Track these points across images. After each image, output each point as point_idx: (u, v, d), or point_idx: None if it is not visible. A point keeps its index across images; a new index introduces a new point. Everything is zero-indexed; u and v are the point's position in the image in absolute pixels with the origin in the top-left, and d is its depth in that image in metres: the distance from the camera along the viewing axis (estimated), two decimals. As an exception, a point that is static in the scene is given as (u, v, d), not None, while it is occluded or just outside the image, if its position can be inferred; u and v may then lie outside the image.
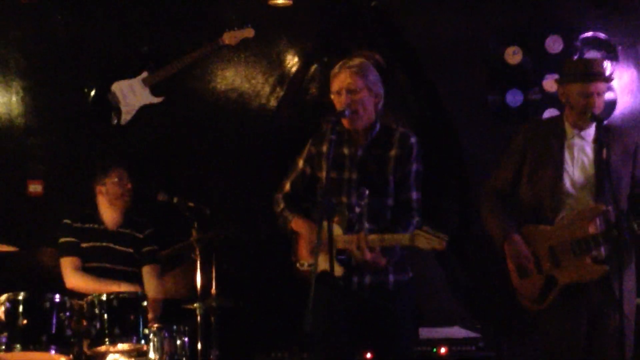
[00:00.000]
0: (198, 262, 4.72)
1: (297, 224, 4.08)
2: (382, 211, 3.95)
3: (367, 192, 3.90)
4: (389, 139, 4.01)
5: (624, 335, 4.07)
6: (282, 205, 4.16)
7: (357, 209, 3.92)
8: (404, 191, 3.99)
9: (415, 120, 5.98)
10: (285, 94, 6.02)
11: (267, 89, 6.00)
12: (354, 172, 3.98)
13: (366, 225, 3.89)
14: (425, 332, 5.18)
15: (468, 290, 5.98)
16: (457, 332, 5.18)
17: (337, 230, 3.87)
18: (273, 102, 6.03)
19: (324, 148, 4.03)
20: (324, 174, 3.98)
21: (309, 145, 4.13)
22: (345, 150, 4.01)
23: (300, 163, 4.14)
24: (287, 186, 4.18)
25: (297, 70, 6.00)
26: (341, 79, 3.96)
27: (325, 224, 3.75)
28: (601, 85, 4.23)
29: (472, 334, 5.13)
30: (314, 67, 6.06)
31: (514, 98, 5.84)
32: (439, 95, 5.98)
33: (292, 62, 6.00)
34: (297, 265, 4.10)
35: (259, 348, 5.29)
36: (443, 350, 5.04)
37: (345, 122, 3.97)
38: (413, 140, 4.04)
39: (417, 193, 4.02)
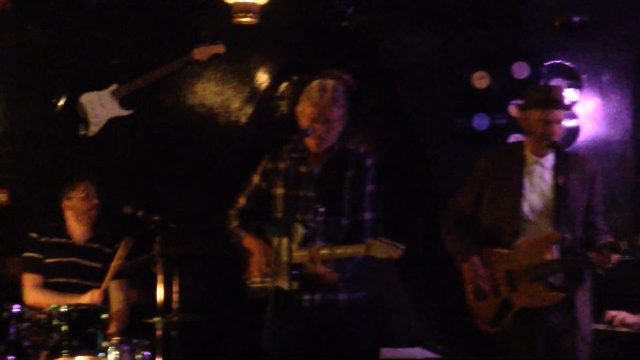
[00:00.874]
0: (159, 276, 4.71)
1: (249, 242, 4.12)
2: (336, 230, 4.02)
3: (322, 209, 3.95)
4: (346, 159, 4.08)
5: (579, 357, 4.16)
6: (234, 223, 4.21)
7: (312, 225, 3.96)
8: (359, 211, 4.05)
9: (382, 141, 6.03)
10: (255, 111, 6.05)
11: (237, 105, 6.03)
12: (310, 190, 4.03)
13: (319, 243, 3.94)
14: (387, 353, 5.19)
15: (432, 312, 6.02)
16: (419, 353, 5.19)
17: (293, 245, 3.90)
18: (243, 119, 6.05)
19: (281, 165, 4.07)
20: (279, 190, 4.03)
21: (264, 162, 4.17)
22: (303, 168, 4.06)
23: (256, 179, 4.19)
24: (242, 201, 4.22)
25: (267, 88, 6.04)
26: (321, 108, 4.00)
27: (282, 240, 3.81)
28: (560, 113, 4.31)
29: (434, 356, 5.15)
30: (283, 85, 6.11)
31: (480, 122, 5.91)
32: (408, 117, 6.05)
33: (262, 79, 6.04)
34: (248, 283, 4.13)
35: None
36: (404, 370, 5.05)
37: (309, 141, 4.02)
38: (369, 161, 4.10)
39: (371, 214, 4.07)
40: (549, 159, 4.35)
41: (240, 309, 5.36)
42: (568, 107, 4.45)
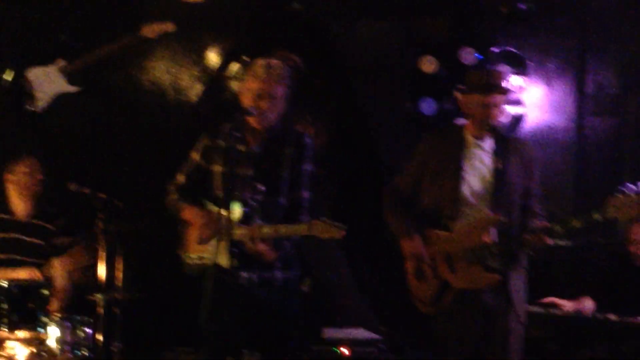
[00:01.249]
0: (102, 253, 4.71)
1: (190, 212, 4.12)
2: (274, 209, 4.03)
3: (260, 187, 3.98)
4: (285, 137, 4.10)
5: (511, 340, 4.24)
6: (174, 196, 4.20)
7: (251, 203, 3.99)
8: (296, 190, 4.08)
9: (331, 124, 6.08)
10: (205, 90, 6.06)
11: (188, 84, 6.03)
12: (249, 169, 4.04)
13: (258, 221, 3.97)
14: (329, 333, 5.26)
15: (376, 293, 6.10)
16: (361, 333, 5.27)
17: (228, 221, 3.92)
18: (193, 98, 6.06)
19: (221, 143, 4.08)
20: (218, 168, 4.05)
21: (204, 139, 4.17)
22: (242, 147, 4.07)
23: (195, 156, 4.18)
24: (181, 178, 4.22)
25: (218, 67, 6.05)
26: (266, 84, 4.01)
27: (221, 218, 3.83)
28: (500, 98, 4.33)
29: (374, 336, 5.23)
30: (234, 65, 6.11)
31: (427, 106, 6.00)
32: (357, 100, 6.10)
33: (213, 59, 6.05)
34: (186, 258, 4.14)
35: (166, 342, 5.31)
36: (345, 350, 5.11)
37: (251, 119, 4.04)
38: (308, 140, 4.13)
39: (308, 193, 4.11)
40: (489, 143, 4.38)
41: (183, 287, 5.41)
42: (507, 92, 4.46)
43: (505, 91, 4.38)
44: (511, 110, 6.01)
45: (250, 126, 4.06)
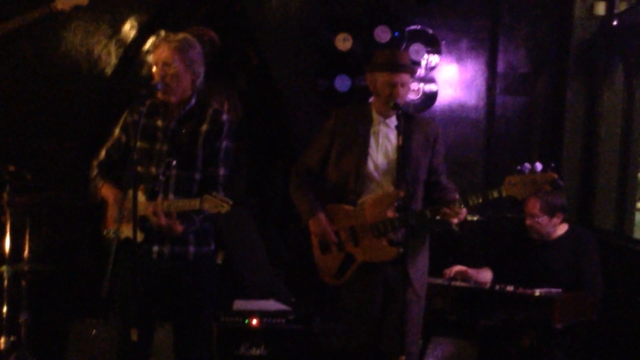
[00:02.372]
0: (7, 225, 4.69)
1: (106, 191, 4.13)
2: (189, 184, 4.04)
3: (173, 162, 4.00)
4: (202, 114, 4.11)
5: (410, 311, 4.36)
6: (94, 172, 4.21)
7: (162, 178, 4.02)
8: (212, 166, 4.08)
9: (245, 99, 6.10)
10: (120, 64, 6.02)
11: (104, 57, 5.99)
12: (164, 144, 4.06)
13: (171, 196, 3.99)
14: (239, 304, 5.32)
15: (288, 266, 6.18)
16: (271, 305, 5.32)
17: (141, 198, 3.96)
18: (108, 71, 6.02)
19: (139, 118, 4.09)
20: (136, 143, 4.06)
21: (125, 114, 4.19)
22: (159, 122, 4.08)
23: (117, 131, 4.19)
24: (103, 154, 4.22)
25: (133, 41, 6.02)
26: (159, 52, 4.02)
27: (130, 192, 3.85)
28: (405, 76, 4.40)
29: (284, 307, 5.29)
30: (150, 39, 6.09)
31: (342, 83, 6.06)
32: (271, 76, 6.13)
33: (129, 32, 6.01)
34: (104, 233, 4.17)
35: (74, 314, 5.31)
36: (254, 321, 5.17)
37: (159, 94, 4.06)
38: (225, 117, 4.15)
39: (224, 169, 4.11)
40: (394, 120, 4.41)
41: (94, 259, 5.43)
42: (413, 71, 4.56)
43: (410, 70, 4.46)
44: (424, 88, 6.14)
45: (166, 102, 4.07)
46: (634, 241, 5.72)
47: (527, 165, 4.13)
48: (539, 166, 4.10)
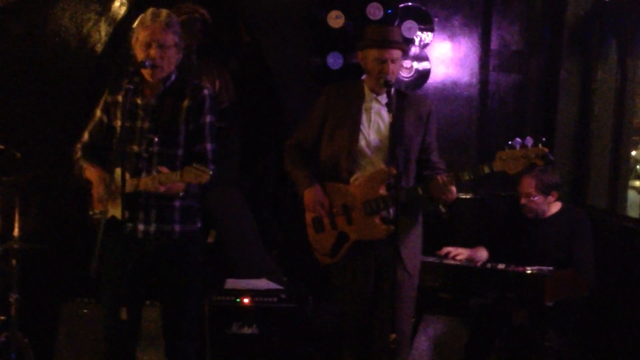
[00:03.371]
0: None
1: (90, 172, 4.11)
2: (172, 161, 4.03)
3: (155, 139, 3.98)
4: (182, 90, 4.09)
5: (402, 289, 4.35)
6: (78, 154, 4.18)
7: (145, 155, 4.00)
8: (199, 142, 4.07)
9: (237, 78, 6.07)
10: (110, 41, 5.97)
11: (94, 35, 5.93)
12: (146, 121, 4.04)
13: (154, 172, 3.97)
14: (231, 283, 5.31)
15: (280, 245, 6.17)
16: (263, 284, 5.32)
17: (125, 176, 3.93)
18: (99, 48, 5.97)
19: (119, 97, 4.07)
20: (118, 122, 4.04)
21: (105, 95, 4.16)
22: (139, 100, 4.06)
23: (98, 112, 4.17)
24: (86, 135, 4.20)
25: (123, 18, 5.96)
26: (153, 32, 3.99)
27: (117, 171, 3.83)
28: (396, 52, 4.37)
29: (276, 286, 5.28)
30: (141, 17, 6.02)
31: (334, 61, 6.01)
32: (263, 54, 6.09)
33: (119, 9, 5.95)
34: (90, 213, 4.14)
35: (66, 293, 5.30)
36: (246, 300, 5.16)
37: (145, 72, 4.02)
38: (206, 92, 4.12)
39: (211, 144, 4.10)
40: (386, 98, 4.36)
41: (84, 239, 5.39)
42: (403, 47, 4.51)
43: (402, 46, 4.43)
44: (417, 65, 6.09)
45: (147, 79, 4.04)
46: (627, 219, 5.70)
47: (518, 140, 4.11)
48: (530, 141, 4.07)
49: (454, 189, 4.30)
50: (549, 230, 4.99)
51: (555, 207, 5.06)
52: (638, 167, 6.69)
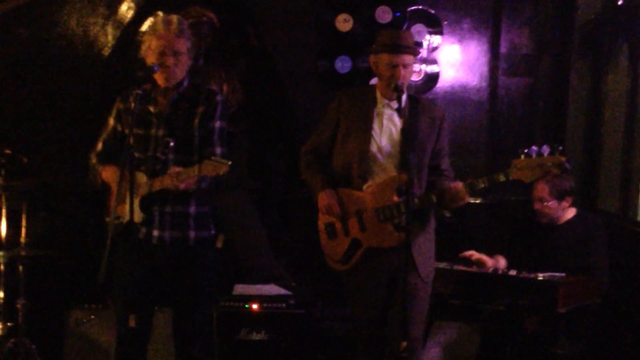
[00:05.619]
0: (3, 209, 4.63)
1: (107, 173, 4.09)
2: (187, 166, 3.97)
3: (171, 143, 3.96)
4: (196, 95, 4.07)
5: (415, 296, 4.31)
6: (93, 161, 4.16)
7: (162, 158, 3.98)
8: (209, 147, 4.05)
9: (246, 82, 6.03)
10: (118, 44, 5.95)
11: (101, 38, 5.92)
12: (160, 129, 4.02)
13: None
14: (240, 289, 5.28)
15: (289, 250, 6.14)
16: (272, 289, 5.28)
17: (143, 179, 3.94)
18: (106, 52, 5.95)
19: (132, 105, 4.04)
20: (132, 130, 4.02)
21: (117, 103, 4.13)
22: (152, 107, 4.05)
23: (111, 121, 4.15)
24: (100, 145, 4.18)
25: (130, 22, 5.94)
26: (167, 40, 3.96)
27: (136, 174, 3.81)
28: (407, 57, 4.32)
29: (285, 292, 5.25)
30: (148, 20, 6.00)
31: (342, 64, 5.99)
32: (272, 58, 6.06)
33: (126, 13, 5.94)
34: (107, 219, 4.11)
35: (73, 300, 5.26)
36: (255, 306, 5.13)
37: (158, 78, 3.99)
38: (219, 97, 4.11)
39: (221, 148, 4.08)
40: (397, 103, 4.31)
41: (93, 244, 5.37)
42: (416, 52, 4.48)
43: (414, 51, 4.39)
44: (426, 69, 6.06)
45: (159, 85, 4.01)
46: (638, 224, 5.66)
47: (534, 148, 4.07)
48: (546, 149, 4.03)
49: (467, 197, 4.27)
50: (564, 237, 4.95)
51: (570, 213, 5.01)
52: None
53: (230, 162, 3.75)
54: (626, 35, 5.88)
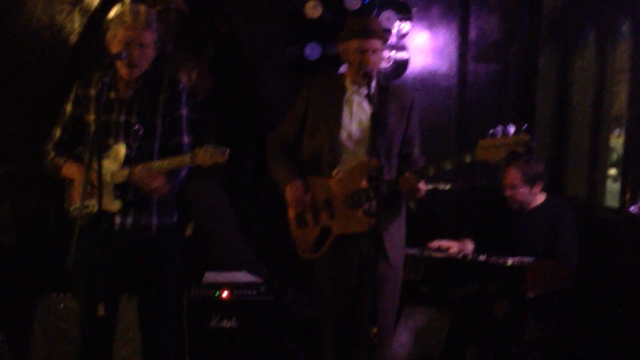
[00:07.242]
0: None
1: (69, 169, 4.04)
2: (150, 154, 3.98)
3: (140, 131, 3.94)
4: (159, 84, 4.03)
5: (384, 282, 4.32)
6: (52, 155, 4.09)
7: (134, 144, 3.94)
8: (176, 135, 4.03)
9: (214, 68, 5.99)
10: (84, 32, 5.88)
11: (67, 25, 5.84)
12: (122, 115, 3.98)
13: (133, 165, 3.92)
14: (210, 277, 5.25)
15: (259, 237, 6.12)
16: (242, 276, 5.26)
17: (114, 166, 3.91)
18: (72, 39, 5.88)
19: (92, 91, 4.00)
20: (91, 117, 3.98)
21: (75, 89, 4.08)
22: (113, 94, 4.00)
23: (68, 108, 4.08)
24: (57, 133, 4.10)
25: (97, 9, 5.87)
26: (134, 32, 3.90)
27: (103, 163, 3.77)
28: (376, 43, 4.31)
29: (255, 279, 5.24)
30: (115, 7, 5.94)
31: (312, 51, 5.95)
32: (240, 44, 6.02)
33: (93, 0, 5.87)
34: (72, 211, 4.07)
35: (41, 288, 5.21)
36: (225, 294, 5.11)
37: (119, 67, 3.95)
38: (182, 86, 4.08)
39: (188, 137, 4.07)
40: (367, 89, 4.32)
41: (59, 233, 5.31)
42: (385, 38, 4.46)
43: (382, 37, 4.37)
44: (395, 55, 6.05)
45: (120, 73, 3.97)
46: (605, 209, 5.71)
47: (500, 127, 4.07)
48: (511, 128, 4.03)
49: (422, 185, 4.26)
50: (533, 221, 4.97)
51: (540, 198, 5.03)
52: (615, 155, 6.70)
53: (228, 150, 3.71)
54: (593, 22, 5.91)
